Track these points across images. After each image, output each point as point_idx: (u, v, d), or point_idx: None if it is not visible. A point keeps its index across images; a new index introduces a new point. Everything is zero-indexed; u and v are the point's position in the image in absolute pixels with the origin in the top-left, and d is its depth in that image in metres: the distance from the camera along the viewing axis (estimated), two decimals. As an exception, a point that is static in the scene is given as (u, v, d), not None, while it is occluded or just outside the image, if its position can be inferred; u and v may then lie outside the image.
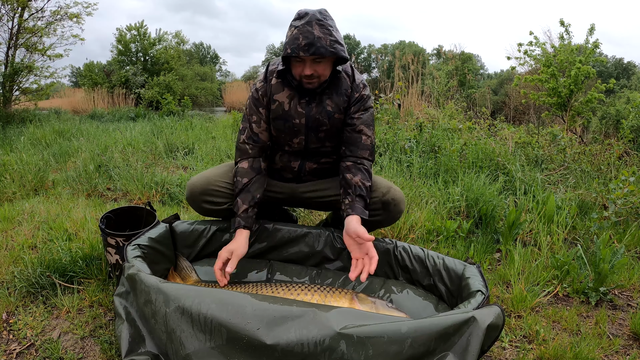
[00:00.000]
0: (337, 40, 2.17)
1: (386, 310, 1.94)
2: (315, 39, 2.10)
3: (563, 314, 2.53)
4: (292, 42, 2.13)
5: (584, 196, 4.38)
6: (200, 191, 2.53)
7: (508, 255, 3.17)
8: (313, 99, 2.40)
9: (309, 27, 2.11)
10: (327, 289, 2.05)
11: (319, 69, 2.23)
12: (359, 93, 2.41)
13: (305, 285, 2.08)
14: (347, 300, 2.00)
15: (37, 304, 2.37)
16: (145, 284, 1.62)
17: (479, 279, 1.84)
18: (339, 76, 2.39)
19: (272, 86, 2.40)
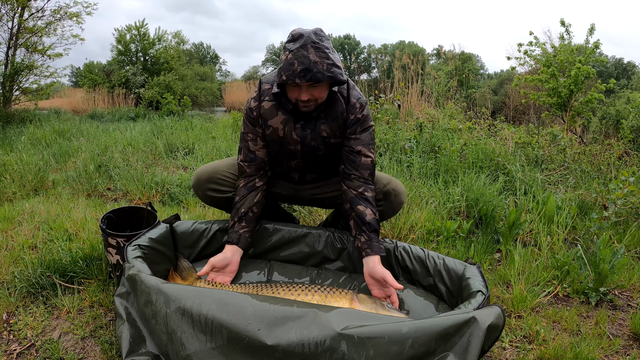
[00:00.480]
0: (334, 64, 2.09)
1: (386, 311, 1.94)
2: (312, 64, 2.02)
3: (563, 314, 2.53)
4: (287, 68, 2.06)
5: (584, 196, 4.38)
6: (206, 178, 2.58)
7: (508, 255, 3.17)
8: (308, 123, 2.35)
9: (304, 51, 2.03)
10: (328, 289, 2.04)
11: (316, 92, 2.17)
12: (355, 115, 2.34)
13: (306, 285, 2.08)
14: (347, 300, 1.99)
15: (37, 304, 2.37)
16: (145, 284, 1.62)
17: (480, 279, 1.85)
18: (335, 97, 2.32)
19: (265, 110, 2.35)
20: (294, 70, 2.03)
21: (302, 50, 2.03)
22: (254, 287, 2.12)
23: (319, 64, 2.03)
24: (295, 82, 2.06)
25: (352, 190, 2.31)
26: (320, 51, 2.04)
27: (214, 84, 31.30)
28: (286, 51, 2.09)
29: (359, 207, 2.27)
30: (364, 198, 2.28)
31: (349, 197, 2.31)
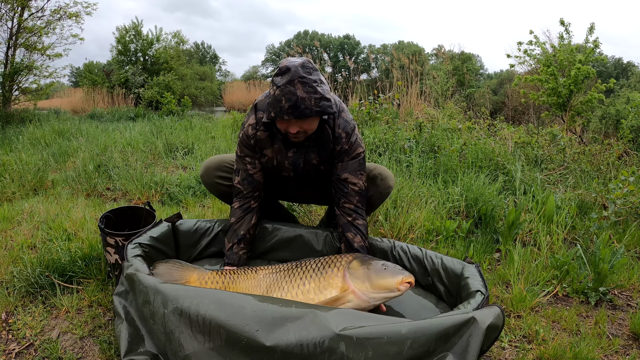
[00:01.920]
0: (323, 97, 2.08)
1: (379, 277, 1.93)
2: (299, 101, 2.02)
3: (563, 314, 2.53)
4: (275, 105, 2.07)
5: (584, 196, 4.38)
6: (215, 166, 2.69)
7: (508, 255, 3.17)
8: (300, 151, 2.40)
9: (291, 87, 2.02)
10: (320, 271, 2.03)
11: (305, 125, 2.18)
12: (340, 146, 2.37)
13: (300, 266, 2.08)
14: (339, 279, 1.99)
15: (36, 304, 2.37)
16: (143, 284, 1.61)
17: (478, 279, 1.84)
18: (323, 128, 2.35)
19: (261, 140, 2.40)
20: (282, 107, 2.04)
21: (289, 86, 2.02)
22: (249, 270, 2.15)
23: (307, 100, 2.03)
24: (283, 118, 2.08)
25: (345, 216, 2.40)
26: (307, 86, 2.03)
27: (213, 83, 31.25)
28: (274, 86, 2.09)
29: (349, 234, 2.38)
30: (354, 226, 2.37)
31: (342, 222, 2.41)
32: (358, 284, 1.93)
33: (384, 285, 1.91)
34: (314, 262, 2.08)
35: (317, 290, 1.99)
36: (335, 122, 2.35)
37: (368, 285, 1.92)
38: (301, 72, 2.03)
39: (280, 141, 2.37)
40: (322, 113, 2.09)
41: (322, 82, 2.12)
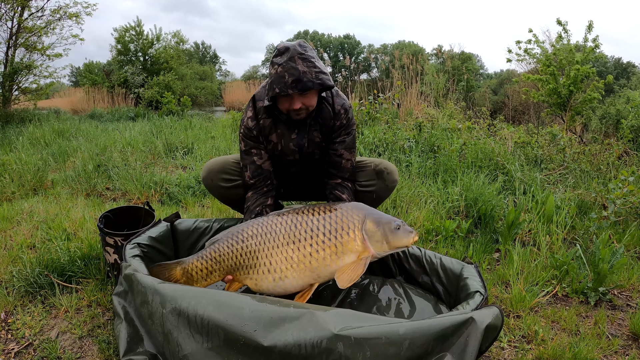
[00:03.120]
0: (322, 71, 2.23)
1: (396, 239, 1.98)
2: (301, 74, 2.16)
3: (562, 314, 2.52)
4: (279, 80, 2.18)
5: (583, 196, 4.37)
6: (218, 169, 2.70)
7: (507, 255, 3.16)
8: (302, 132, 2.49)
9: (293, 63, 2.17)
10: (333, 232, 2.00)
11: (306, 101, 2.30)
12: (340, 121, 2.52)
13: (305, 228, 2.03)
14: (359, 243, 1.99)
15: (35, 304, 2.37)
16: (142, 284, 1.61)
17: (477, 279, 1.84)
18: (322, 105, 2.48)
19: (265, 127, 2.49)
20: (286, 82, 2.16)
21: (290, 62, 2.16)
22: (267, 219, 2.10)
23: (308, 74, 2.17)
24: (288, 92, 2.18)
25: (333, 182, 2.57)
26: (307, 61, 2.19)
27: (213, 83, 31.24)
28: (275, 65, 2.22)
29: (336, 192, 2.53)
30: (343, 186, 2.55)
31: (330, 185, 2.57)
32: (377, 247, 2.00)
33: (399, 245, 2.01)
34: (321, 223, 2.05)
35: (335, 256, 2.00)
36: (334, 100, 2.51)
37: (386, 247, 2.01)
38: (299, 50, 2.19)
39: (283, 125, 2.47)
40: (323, 85, 2.23)
41: (318, 59, 2.27)
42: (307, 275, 2.01)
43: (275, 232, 2.06)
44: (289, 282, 2.03)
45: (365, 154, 5.23)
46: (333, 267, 2.00)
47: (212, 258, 2.10)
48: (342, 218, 2.05)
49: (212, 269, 2.11)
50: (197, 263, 2.10)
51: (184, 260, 2.13)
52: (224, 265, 2.09)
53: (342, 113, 2.51)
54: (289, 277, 2.02)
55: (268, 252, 2.04)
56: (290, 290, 2.05)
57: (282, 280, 2.03)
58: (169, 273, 2.10)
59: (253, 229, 2.09)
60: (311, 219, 2.06)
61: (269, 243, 2.04)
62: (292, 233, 2.04)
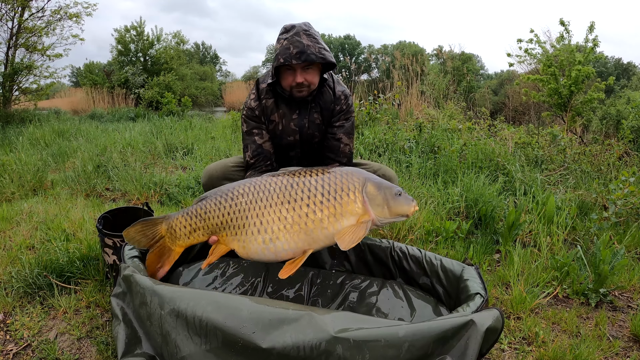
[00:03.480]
0: (324, 48, 2.35)
1: (397, 205, 1.94)
2: (305, 47, 2.27)
3: (563, 315, 2.51)
4: (284, 52, 2.29)
5: (584, 197, 4.36)
6: (219, 175, 2.69)
7: (507, 256, 3.15)
8: (303, 112, 2.55)
9: (298, 37, 2.29)
10: (334, 193, 1.92)
11: (309, 76, 2.40)
12: (340, 106, 2.60)
13: (301, 187, 1.94)
14: (359, 206, 1.92)
15: (34, 305, 2.36)
16: (140, 285, 1.60)
17: (478, 281, 1.83)
18: (324, 89, 2.57)
19: (267, 107, 2.56)
20: (290, 53, 2.27)
21: (295, 37, 2.30)
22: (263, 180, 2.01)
23: (312, 47, 2.29)
24: (291, 63, 2.27)
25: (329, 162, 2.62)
26: (311, 37, 2.32)
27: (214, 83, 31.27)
28: (281, 40, 2.35)
29: None
30: (338, 161, 2.61)
31: None
32: (378, 211, 1.95)
33: (400, 212, 1.97)
34: (320, 184, 1.96)
35: (333, 218, 1.91)
36: (335, 85, 2.61)
37: (387, 212, 1.96)
38: (304, 27, 2.34)
39: (284, 105, 2.54)
40: (325, 60, 2.32)
41: (321, 40, 2.38)
42: (301, 238, 1.91)
43: (269, 191, 1.96)
44: (280, 245, 1.92)
45: (366, 155, 5.22)
46: (330, 230, 1.91)
47: (198, 215, 2.01)
48: (342, 180, 1.98)
49: (196, 227, 2.01)
50: (181, 219, 2.03)
51: (170, 216, 2.06)
52: (210, 223, 2.00)
53: (342, 98, 2.60)
54: (281, 239, 1.91)
55: (259, 212, 1.94)
56: (281, 255, 1.94)
57: (273, 242, 1.92)
58: (154, 228, 2.05)
59: (245, 187, 2.00)
60: (309, 179, 1.98)
61: (261, 202, 1.94)
62: (287, 193, 1.95)
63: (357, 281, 2.21)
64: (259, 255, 1.96)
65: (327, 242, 1.95)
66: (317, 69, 2.44)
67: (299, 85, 2.40)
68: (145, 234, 2.06)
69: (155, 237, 2.06)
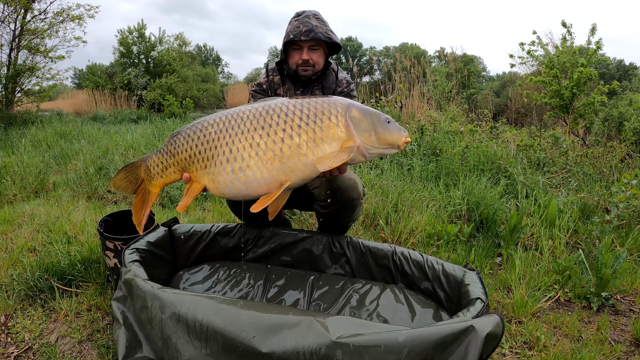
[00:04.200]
0: (331, 30, 2.52)
1: (386, 132, 1.79)
2: (314, 27, 2.44)
3: (564, 319, 2.50)
4: (294, 29, 2.46)
5: (586, 199, 4.35)
6: None
7: (509, 259, 3.14)
8: (307, 91, 2.67)
9: (307, 19, 2.48)
10: (314, 116, 1.77)
11: (314, 56, 2.55)
12: (341, 87, 2.73)
13: (278, 111, 1.80)
14: (342, 130, 1.76)
15: (35, 307, 2.36)
16: (141, 289, 1.60)
17: (479, 285, 1.82)
18: (327, 72, 2.70)
19: (274, 83, 2.72)
20: (300, 31, 2.43)
21: (305, 18, 2.48)
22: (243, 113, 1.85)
23: (320, 28, 2.45)
24: (300, 39, 2.43)
25: None
26: (320, 20, 2.51)
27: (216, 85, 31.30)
28: (292, 21, 2.52)
29: None
30: None
31: None
32: (364, 137, 1.78)
33: (389, 141, 1.81)
34: (298, 108, 1.80)
35: (312, 144, 1.75)
36: (338, 72, 2.76)
37: (375, 139, 1.80)
38: (314, 12, 2.54)
39: (290, 82, 2.69)
40: (331, 40, 2.48)
41: (329, 25, 2.54)
42: (275, 166, 1.76)
43: (241, 119, 1.82)
44: (251, 175, 1.77)
45: (367, 157, 5.20)
46: (310, 157, 1.75)
47: (168, 151, 1.93)
48: (323, 104, 1.82)
49: (167, 164, 1.93)
50: (154, 158, 1.98)
51: (147, 157, 2.02)
52: (179, 158, 1.90)
53: (344, 82, 2.74)
54: (252, 167, 1.77)
55: (230, 140, 1.80)
56: (254, 187, 1.80)
57: (244, 171, 1.77)
58: (135, 172, 2.03)
59: (216, 118, 1.88)
60: (286, 105, 1.82)
61: (232, 130, 1.81)
62: (262, 118, 1.80)
63: (358, 285, 2.21)
64: (229, 189, 1.83)
65: (307, 173, 1.79)
66: (322, 52, 2.59)
67: (305, 63, 2.54)
68: (128, 179, 2.04)
69: (138, 181, 2.03)
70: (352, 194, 2.45)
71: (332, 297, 2.19)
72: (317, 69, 2.61)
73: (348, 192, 2.43)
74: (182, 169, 1.92)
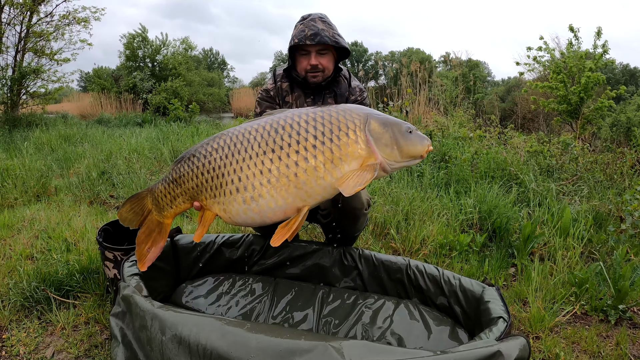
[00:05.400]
0: (338, 34, 2.40)
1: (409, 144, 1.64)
2: (320, 30, 2.32)
3: (582, 334, 2.39)
4: (299, 34, 2.35)
5: (599, 207, 4.23)
6: None
7: (524, 270, 3.03)
8: (318, 98, 2.54)
9: (313, 22, 2.36)
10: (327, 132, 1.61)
11: (323, 61, 2.42)
12: (354, 96, 2.60)
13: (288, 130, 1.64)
14: (362, 146, 1.61)
15: (31, 319, 2.27)
16: (140, 307, 1.50)
17: (500, 303, 1.71)
18: (339, 79, 2.58)
19: (282, 89, 2.58)
20: (305, 35, 2.32)
21: (311, 22, 2.37)
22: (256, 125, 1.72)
23: (326, 31, 2.34)
24: (305, 43, 2.32)
25: None
26: (326, 23, 2.39)
27: (221, 89, 31.35)
28: (297, 25, 2.41)
29: None
30: None
31: None
32: (387, 152, 1.63)
33: (413, 153, 1.67)
34: (311, 125, 1.63)
35: (330, 165, 1.60)
36: (351, 79, 2.64)
37: (397, 154, 1.65)
38: (320, 15, 2.43)
39: (299, 89, 2.56)
40: (338, 43, 2.36)
41: (337, 29, 2.44)
42: (291, 193, 1.61)
43: (248, 141, 1.67)
44: (264, 204, 1.63)
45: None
46: (328, 179, 1.60)
47: (173, 180, 1.80)
48: (339, 117, 1.65)
49: (175, 194, 1.80)
50: (161, 187, 1.85)
51: (153, 187, 1.89)
52: (186, 188, 1.77)
53: (357, 91, 2.62)
54: (265, 196, 1.62)
55: (237, 167, 1.67)
56: (269, 216, 1.67)
57: (256, 201, 1.63)
58: (141, 203, 1.90)
59: (219, 141, 1.73)
60: (297, 120, 1.65)
61: (238, 155, 1.67)
62: (270, 140, 1.64)
63: (370, 300, 2.10)
64: (243, 219, 1.70)
65: (326, 195, 1.66)
66: (331, 56, 2.47)
67: (314, 69, 2.41)
68: (134, 211, 1.89)
69: (144, 212, 1.90)
70: (355, 203, 2.32)
71: (343, 313, 2.07)
72: (327, 75, 2.48)
73: (350, 201, 2.30)
74: (191, 198, 1.81)
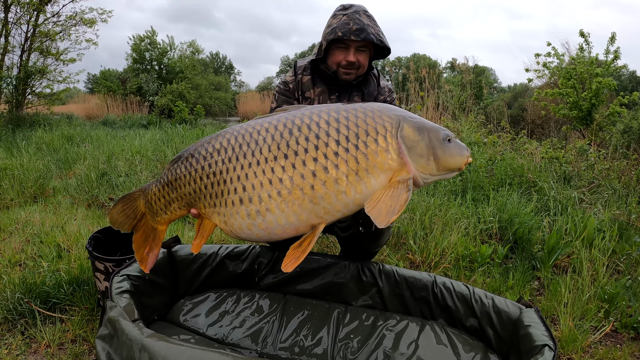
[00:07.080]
0: (382, 32, 2.21)
1: (447, 155, 1.39)
2: (366, 26, 2.10)
3: (615, 354, 2.21)
4: (343, 26, 2.10)
5: (618, 216, 3.98)
6: None
7: (550, 284, 2.80)
8: (344, 95, 2.33)
9: (358, 15, 2.13)
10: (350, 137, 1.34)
11: (361, 58, 2.21)
12: (384, 96, 2.43)
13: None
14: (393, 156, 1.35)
15: (14, 334, 2.07)
16: (127, 335, 1.26)
17: (542, 327, 1.49)
18: (368, 77, 2.38)
19: (304, 83, 2.36)
20: (350, 29, 2.09)
21: (355, 14, 2.13)
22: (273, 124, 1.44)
23: (372, 28, 2.13)
24: (350, 38, 2.09)
25: None
26: (371, 19, 2.18)
27: (228, 93, 31.37)
28: (338, 15, 2.16)
29: None
30: None
31: None
32: (421, 165, 1.38)
33: (451, 166, 1.43)
34: (333, 126, 1.36)
35: (354, 177, 1.33)
36: (380, 79, 2.47)
37: (434, 166, 1.40)
38: (364, 8, 2.20)
39: (323, 84, 2.35)
40: (382, 43, 2.16)
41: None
42: (305, 208, 1.35)
43: (255, 143, 1.41)
44: (273, 220, 1.37)
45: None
46: (351, 194, 1.34)
47: (169, 183, 1.56)
48: (367, 119, 1.38)
49: (170, 198, 1.55)
50: (154, 189, 1.61)
51: (147, 187, 1.65)
52: (182, 192, 1.52)
53: (387, 91, 2.45)
54: (274, 210, 1.36)
55: (242, 173, 1.41)
56: (277, 232, 1.40)
57: (263, 216, 1.37)
58: (134, 205, 1.66)
59: (223, 140, 1.48)
60: (316, 120, 1.38)
61: (244, 159, 1.41)
62: (283, 142, 1.38)
63: (392, 322, 1.85)
64: (247, 234, 1.45)
65: (346, 212, 1.39)
66: (368, 54, 2.25)
67: (350, 65, 2.19)
68: (125, 213, 1.66)
69: (137, 215, 1.66)
70: (381, 239, 2.13)
71: (362, 335, 1.83)
72: (360, 73, 2.27)
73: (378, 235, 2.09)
74: (188, 204, 1.56)
